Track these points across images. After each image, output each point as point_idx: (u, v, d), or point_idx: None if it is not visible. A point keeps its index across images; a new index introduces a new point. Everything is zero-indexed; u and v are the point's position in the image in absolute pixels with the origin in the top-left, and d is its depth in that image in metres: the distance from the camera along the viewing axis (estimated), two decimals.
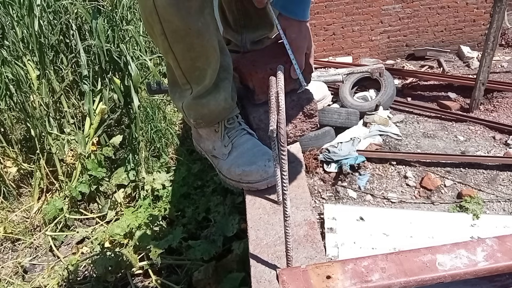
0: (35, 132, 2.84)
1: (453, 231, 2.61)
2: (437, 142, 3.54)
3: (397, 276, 0.54)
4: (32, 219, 2.82)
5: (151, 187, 2.79)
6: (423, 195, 3.03)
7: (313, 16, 5.02)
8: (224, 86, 1.00)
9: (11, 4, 2.86)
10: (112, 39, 2.90)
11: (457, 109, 4.10)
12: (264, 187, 0.99)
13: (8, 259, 2.64)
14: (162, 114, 3.12)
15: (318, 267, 0.57)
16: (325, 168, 3.28)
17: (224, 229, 2.31)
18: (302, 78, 1.04)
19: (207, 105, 0.99)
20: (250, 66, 1.09)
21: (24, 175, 3.06)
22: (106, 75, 3.00)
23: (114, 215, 2.82)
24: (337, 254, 2.47)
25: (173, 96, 1.07)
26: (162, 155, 3.04)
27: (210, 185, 2.78)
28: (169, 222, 2.68)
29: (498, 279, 0.58)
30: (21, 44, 2.86)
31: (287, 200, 0.66)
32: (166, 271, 2.40)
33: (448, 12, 5.09)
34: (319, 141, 3.45)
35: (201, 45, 0.90)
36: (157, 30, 0.87)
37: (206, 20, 0.88)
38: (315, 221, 0.91)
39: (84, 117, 3.05)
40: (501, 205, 2.88)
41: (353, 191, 3.08)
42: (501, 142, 3.44)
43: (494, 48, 3.75)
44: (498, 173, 3.09)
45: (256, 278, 0.78)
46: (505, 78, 4.39)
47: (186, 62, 0.93)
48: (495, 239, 0.58)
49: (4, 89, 2.77)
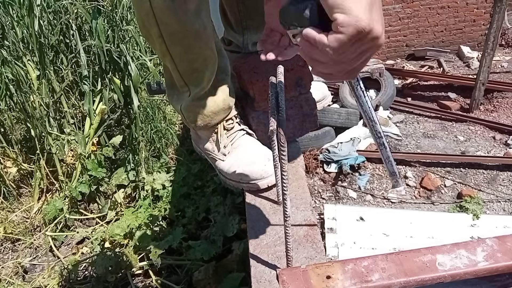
0: (35, 132, 2.84)
1: (453, 231, 2.61)
2: (437, 142, 3.54)
3: (397, 276, 0.54)
4: (32, 219, 2.82)
5: (151, 187, 2.79)
6: (423, 195, 3.03)
7: None
8: (222, 87, 1.00)
9: (11, 4, 2.86)
10: (112, 39, 2.90)
11: (457, 109, 4.10)
12: (264, 187, 0.99)
13: (8, 259, 2.64)
14: (162, 114, 3.12)
15: (318, 267, 0.57)
16: (325, 168, 3.28)
17: (224, 229, 2.31)
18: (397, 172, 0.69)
19: (206, 106, 0.99)
20: (251, 72, 1.08)
21: (24, 175, 3.06)
22: (106, 75, 3.00)
23: (114, 215, 2.82)
24: (337, 254, 2.47)
25: (171, 98, 1.07)
26: (162, 155, 3.04)
27: (210, 185, 2.78)
28: (169, 222, 2.68)
29: (498, 279, 0.58)
30: (21, 44, 2.86)
31: (287, 200, 0.66)
32: (166, 271, 2.40)
33: (448, 12, 5.09)
34: (319, 141, 3.45)
35: (198, 47, 0.90)
36: (154, 33, 0.86)
37: (203, 22, 0.88)
38: (315, 221, 0.91)
39: (84, 117, 3.05)
40: (501, 205, 2.88)
41: (353, 191, 3.08)
42: (501, 142, 3.44)
43: (494, 48, 3.75)
44: (498, 173, 3.09)
45: (256, 278, 0.78)
46: (505, 78, 4.39)
47: (183, 64, 0.93)
48: (495, 239, 0.58)
49: (4, 89, 2.77)
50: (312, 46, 0.54)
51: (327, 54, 0.53)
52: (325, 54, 0.53)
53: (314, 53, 0.55)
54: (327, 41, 0.52)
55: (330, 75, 0.58)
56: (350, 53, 0.52)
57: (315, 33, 0.54)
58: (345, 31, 0.50)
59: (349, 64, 0.55)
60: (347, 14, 0.50)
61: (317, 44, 0.53)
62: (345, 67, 0.55)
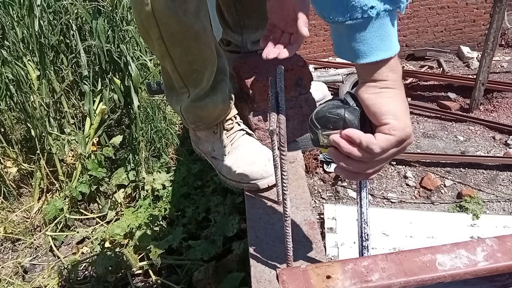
0: (35, 132, 2.84)
1: (453, 231, 2.61)
2: (437, 142, 3.54)
3: (397, 276, 0.54)
4: (32, 219, 2.83)
5: (151, 187, 2.79)
6: (423, 195, 3.03)
7: (313, 17, 5.01)
8: (221, 87, 1.01)
9: (11, 4, 2.86)
10: (112, 40, 2.90)
11: (457, 109, 4.10)
12: (264, 187, 0.99)
13: (8, 259, 2.64)
14: (162, 114, 3.12)
15: (318, 267, 0.57)
16: (325, 168, 3.28)
17: (224, 229, 2.31)
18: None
19: (205, 107, 0.99)
20: (251, 72, 1.08)
21: (24, 175, 3.06)
22: (106, 75, 3.00)
23: (114, 215, 2.82)
24: (337, 254, 2.47)
25: (170, 100, 1.07)
26: (162, 155, 3.04)
27: (210, 185, 2.78)
28: (169, 222, 2.68)
29: (498, 279, 0.58)
30: (21, 44, 2.86)
31: (287, 200, 0.66)
32: (166, 271, 2.40)
33: (448, 12, 5.09)
34: None
35: (198, 47, 0.90)
36: (154, 34, 0.86)
37: (203, 23, 0.88)
38: (315, 221, 0.91)
39: (84, 118, 3.05)
40: (501, 205, 2.89)
41: (353, 191, 3.08)
42: (501, 142, 3.44)
43: (494, 48, 3.75)
44: (498, 173, 3.09)
45: (256, 278, 0.78)
46: (505, 78, 4.39)
47: (183, 65, 0.93)
48: (495, 239, 0.58)
49: (4, 90, 2.77)
50: (352, 145, 0.61)
51: (370, 152, 0.60)
52: (368, 152, 0.60)
53: (353, 151, 0.60)
54: (375, 140, 0.59)
55: (355, 174, 0.64)
56: (389, 153, 0.61)
57: (360, 132, 0.60)
58: (395, 134, 0.59)
59: (381, 162, 0.62)
60: (399, 121, 0.59)
61: (362, 143, 0.59)
62: (377, 166, 0.63)
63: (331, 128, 0.62)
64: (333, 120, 0.62)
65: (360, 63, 0.59)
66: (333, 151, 0.64)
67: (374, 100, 0.60)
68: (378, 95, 0.60)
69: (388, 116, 0.59)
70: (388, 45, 0.58)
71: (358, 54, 0.58)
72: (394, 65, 0.59)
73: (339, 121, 0.62)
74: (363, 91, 0.61)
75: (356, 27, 0.56)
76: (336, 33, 0.60)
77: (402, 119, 0.59)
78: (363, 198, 0.72)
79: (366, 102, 0.60)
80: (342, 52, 0.61)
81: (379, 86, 0.60)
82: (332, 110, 0.62)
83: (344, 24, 0.56)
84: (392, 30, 0.58)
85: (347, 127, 0.61)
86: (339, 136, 0.61)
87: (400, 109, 0.59)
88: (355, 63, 0.60)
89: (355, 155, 0.60)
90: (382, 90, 0.60)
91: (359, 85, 0.62)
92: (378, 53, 0.57)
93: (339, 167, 0.65)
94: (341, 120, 0.62)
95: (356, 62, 0.59)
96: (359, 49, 0.58)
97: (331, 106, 0.63)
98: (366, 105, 0.61)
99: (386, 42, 0.57)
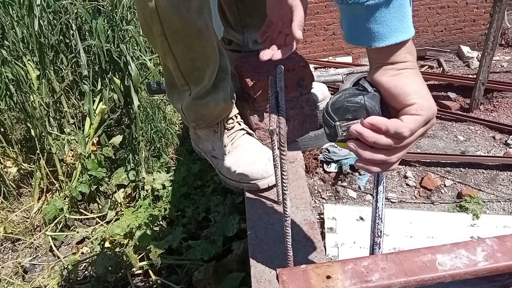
0: (35, 132, 2.84)
1: (453, 231, 2.61)
2: (437, 142, 3.54)
3: (397, 276, 0.54)
4: (32, 219, 2.83)
5: (151, 187, 2.79)
6: (423, 195, 3.03)
7: (313, 16, 5.01)
8: (223, 86, 1.00)
9: (11, 4, 2.86)
10: (112, 39, 2.90)
11: (457, 109, 4.10)
12: (264, 187, 0.99)
13: (8, 259, 2.64)
14: (162, 114, 3.12)
15: (318, 267, 0.57)
16: (325, 168, 3.28)
17: (224, 229, 2.31)
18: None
19: (206, 105, 0.99)
20: (252, 72, 1.08)
21: (24, 175, 3.06)
22: (106, 75, 3.00)
23: (114, 215, 2.82)
24: (337, 254, 2.47)
25: (171, 98, 1.07)
26: (162, 155, 3.04)
27: (210, 185, 2.78)
28: (169, 222, 2.68)
29: (498, 279, 0.58)
30: (21, 44, 2.86)
31: (287, 200, 0.66)
32: (166, 271, 2.40)
33: (448, 12, 5.09)
34: (319, 141, 3.45)
35: (201, 45, 0.90)
36: (157, 31, 0.86)
37: (205, 20, 0.88)
38: (315, 221, 0.91)
39: (84, 117, 3.05)
40: (501, 205, 2.89)
41: (353, 191, 3.08)
42: (501, 142, 3.44)
43: (494, 48, 3.75)
44: (498, 173, 3.09)
45: (256, 278, 0.78)
46: (505, 78, 4.39)
47: (185, 62, 0.93)
48: (495, 239, 0.58)
49: (4, 89, 2.77)
50: (377, 133, 0.57)
51: (398, 136, 0.56)
52: (396, 137, 0.56)
53: (380, 139, 0.57)
54: (403, 123, 0.56)
55: (380, 165, 0.60)
56: (416, 134, 0.58)
57: (384, 118, 0.57)
58: (423, 113, 0.57)
59: (407, 147, 0.59)
60: (425, 99, 0.57)
61: (390, 128, 0.56)
62: (402, 151, 0.59)
63: (350, 119, 0.58)
64: (352, 109, 0.58)
65: (379, 46, 0.57)
66: (355, 143, 0.59)
67: (396, 82, 0.58)
68: (399, 77, 0.58)
69: (413, 96, 0.57)
70: (406, 27, 0.56)
71: (377, 36, 0.56)
72: (410, 47, 0.58)
73: (360, 110, 0.58)
74: (381, 75, 0.59)
75: (377, 7, 0.54)
76: (351, 17, 0.58)
77: (427, 98, 0.58)
78: (380, 193, 0.67)
79: (387, 85, 0.58)
80: (357, 37, 0.59)
81: (398, 67, 0.58)
82: (350, 98, 0.59)
83: (364, 5, 0.54)
84: (409, 11, 0.57)
85: (369, 115, 0.58)
86: (360, 125, 0.58)
87: (424, 88, 0.58)
88: (372, 47, 0.58)
89: (383, 143, 0.57)
90: (401, 71, 0.58)
91: (374, 70, 0.60)
92: (397, 35, 0.56)
93: (362, 159, 0.59)
94: (361, 108, 0.58)
95: (375, 45, 0.57)
96: (378, 31, 0.56)
97: (348, 95, 0.59)
98: (387, 88, 0.58)
99: (405, 23, 0.56)
